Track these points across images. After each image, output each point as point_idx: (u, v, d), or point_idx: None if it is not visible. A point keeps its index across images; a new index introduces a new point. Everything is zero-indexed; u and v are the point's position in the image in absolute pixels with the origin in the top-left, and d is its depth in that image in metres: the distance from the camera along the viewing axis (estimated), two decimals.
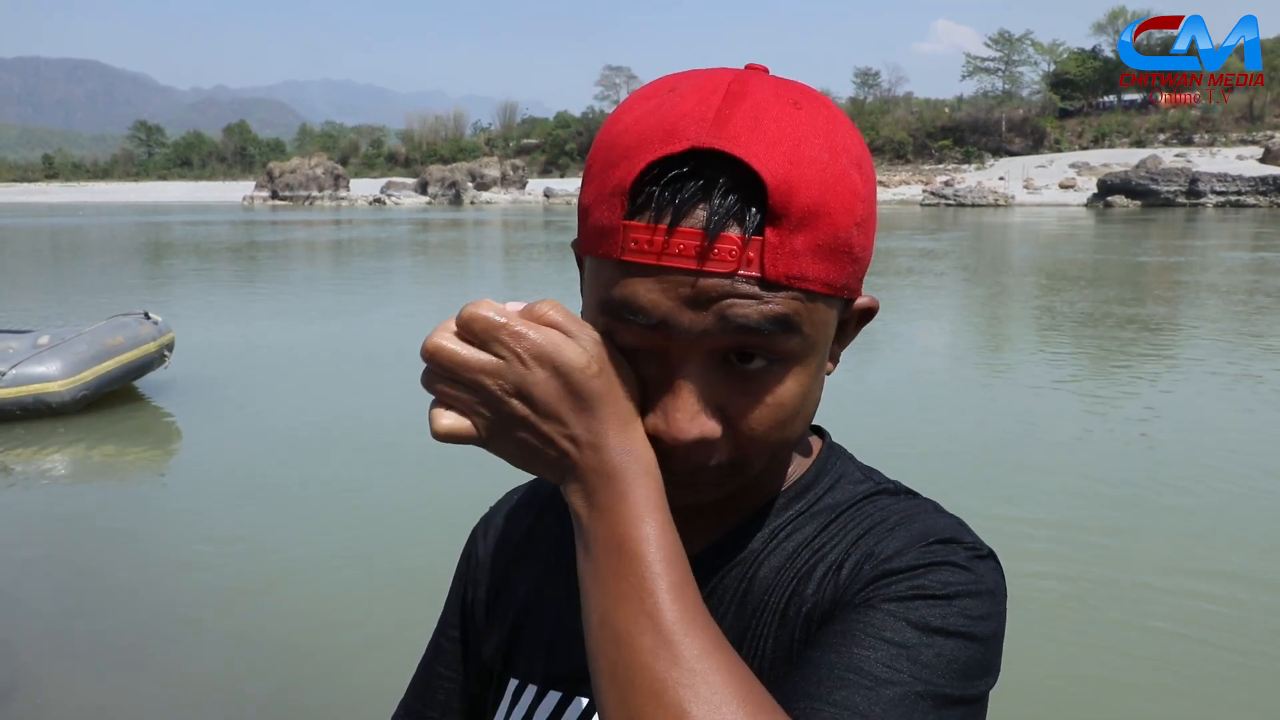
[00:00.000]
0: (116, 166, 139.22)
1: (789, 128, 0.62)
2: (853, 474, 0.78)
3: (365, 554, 5.50)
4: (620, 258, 0.63)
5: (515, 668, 0.81)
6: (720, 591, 0.74)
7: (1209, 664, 4.18)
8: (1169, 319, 14.30)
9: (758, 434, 0.66)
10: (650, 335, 0.63)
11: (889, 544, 0.68)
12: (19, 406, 8.16)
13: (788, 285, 0.61)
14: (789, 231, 0.61)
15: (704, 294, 0.61)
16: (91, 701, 4.04)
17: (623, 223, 0.62)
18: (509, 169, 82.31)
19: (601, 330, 0.66)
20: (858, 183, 0.64)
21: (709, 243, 0.60)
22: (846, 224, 0.63)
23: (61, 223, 51.56)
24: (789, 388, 0.65)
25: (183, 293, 19.11)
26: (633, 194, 0.62)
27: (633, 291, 0.62)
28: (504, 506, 0.92)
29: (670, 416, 0.64)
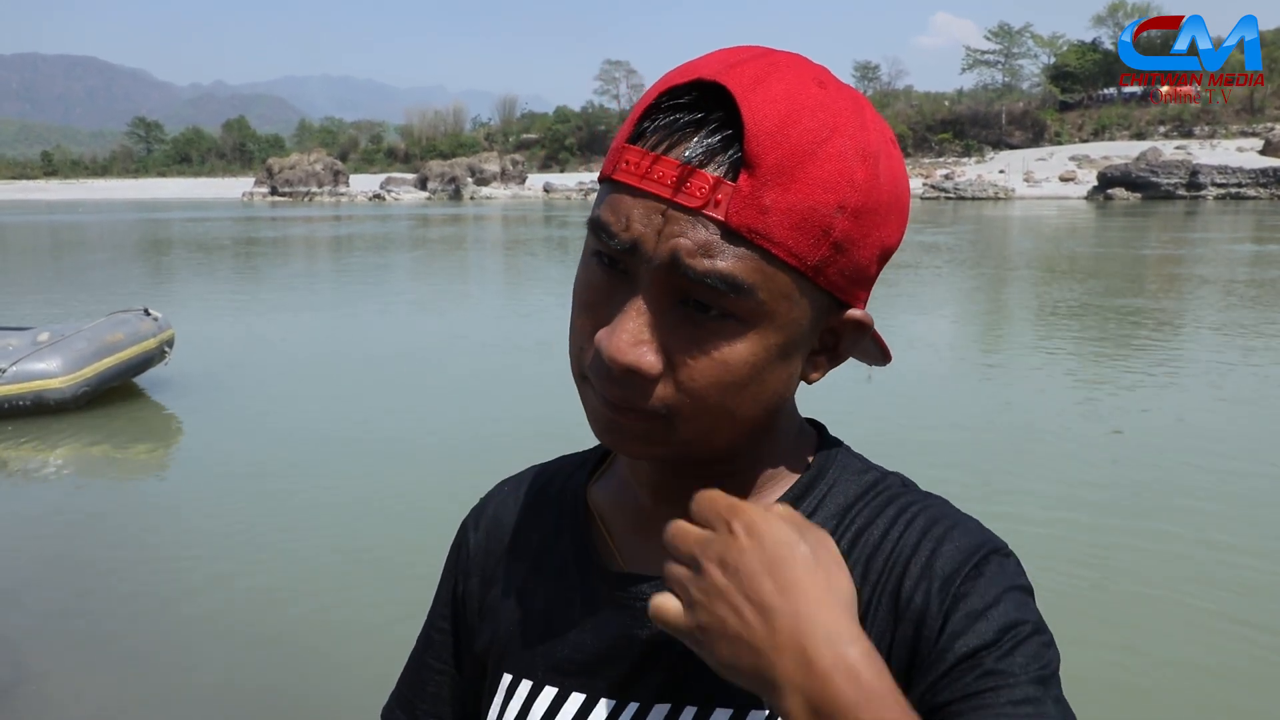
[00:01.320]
0: (115, 163, 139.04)
1: (798, 94, 0.63)
2: (855, 465, 0.77)
3: (365, 549, 5.51)
4: (613, 176, 0.66)
5: (509, 663, 0.81)
6: None
7: (1210, 661, 4.18)
8: (1169, 312, 14.30)
9: (696, 387, 0.65)
10: (619, 253, 0.65)
11: (942, 564, 0.67)
12: (19, 403, 8.16)
13: (748, 239, 0.62)
14: (761, 184, 0.61)
15: (670, 226, 0.62)
16: (92, 697, 4.05)
17: (624, 145, 0.66)
18: (508, 164, 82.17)
19: (587, 253, 0.69)
20: (856, 171, 0.64)
21: (685, 175, 0.62)
22: (827, 201, 0.63)
23: (61, 220, 51.52)
24: (739, 350, 0.65)
25: (182, 289, 19.11)
26: (639, 121, 0.65)
27: (613, 210, 0.65)
28: (494, 498, 0.91)
29: (614, 334, 0.64)
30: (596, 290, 0.68)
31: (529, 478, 0.90)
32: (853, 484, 0.75)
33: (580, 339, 0.69)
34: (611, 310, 0.66)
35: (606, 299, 0.67)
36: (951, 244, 27.31)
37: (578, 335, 0.69)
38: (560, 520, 0.83)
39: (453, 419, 8.34)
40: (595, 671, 0.75)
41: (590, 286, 0.68)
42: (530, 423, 7.71)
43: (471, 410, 8.62)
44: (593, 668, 0.76)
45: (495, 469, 0.94)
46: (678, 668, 0.72)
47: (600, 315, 0.67)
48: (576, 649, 0.76)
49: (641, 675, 0.74)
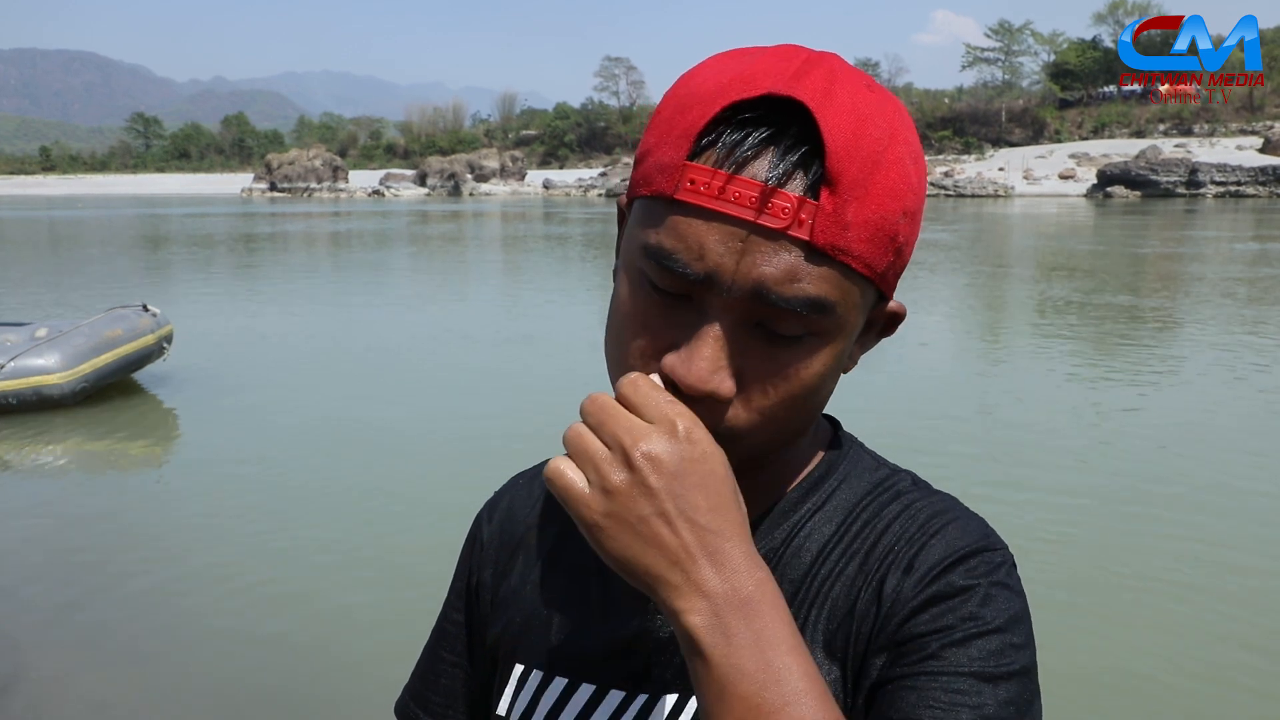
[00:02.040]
0: (114, 159, 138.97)
1: (859, 102, 0.63)
2: (866, 462, 0.78)
3: (364, 543, 5.50)
4: (675, 195, 0.62)
5: (520, 654, 0.81)
6: None
7: (1212, 657, 4.18)
8: (1167, 310, 14.30)
9: (768, 405, 0.65)
10: (690, 285, 0.63)
11: (927, 555, 0.68)
12: (18, 399, 8.15)
13: (832, 257, 0.61)
14: (842, 201, 0.60)
15: (751, 247, 0.60)
16: (91, 693, 4.04)
17: (684, 162, 0.62)
18: (508, 160, 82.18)
19: (638, 275, 0.66)
20: (911, 175, 0.64)
21: (767, 195, 0.60)
22: (895, 209, 0.63)
23: (59, 215, 51.48)
24: (813, 367, 0.65)
25: (181, 285, 19.09)
26: (700, 136, 0.62)
27: (684, 238, 0.62)
28: (509, 491, 0.91)
29: (693, 363, 0.62)
30: (654, 313, 0.65)
31: (540, 471, 0.88)
32: (862, 480, 0.75)
33: (631, 360, 0.66)
34: (675, 333, 0.64)
35: (667, 322, 0.65)
36: (951, 241, 27.30)
37: (629, 357, 0.67)
38: (569, 519, 0.81)
39: (454, 414, 8.33)
40: (608, 664, 0.76)
41: (645, 310, 0.66)
42: (531, 417, 7.70)
43: (473, 405, 8.61)
44: (606, 660, 0.76)
45: (497, 463, 0.85)
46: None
47: (661, 338, 0.65)
48: (591, 642, 0.77)
49: (654, 668, 0.74)
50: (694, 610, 0.56)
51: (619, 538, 0.58)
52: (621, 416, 0.59)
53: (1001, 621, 0.65)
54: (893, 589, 0.67)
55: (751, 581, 0.57)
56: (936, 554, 0.68)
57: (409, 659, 0.91)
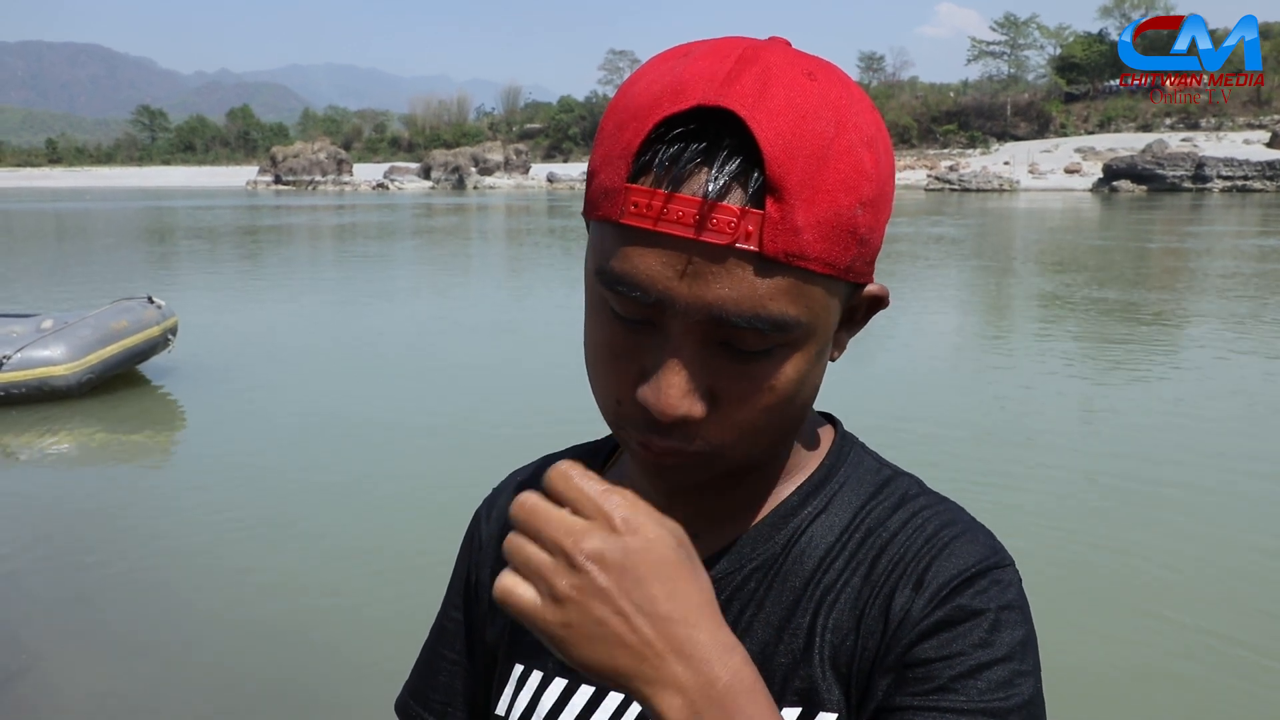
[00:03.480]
0: (120, 151, 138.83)
1: (797, 97, 0.60)
2: (868, 464, 0.76)
3: (367, 539, 5.52)
4: (620, 220, 0.61)
5: (520, 654, 0.80)
6: (740, 598, 0.72)
7: (1216, 655, 4.18)
8: (1173, 305, 14.27)
9: (746, 420, 0.64)
10: (646, 311, 0.62)
11: (936, 573, 0.67)
12: (24, 390, 8.18)
13: (787, 264, 0.60)
14: (789, 206, 0.58)
15: (700, 269, 0.59)
16: (95, 685, 4.06)
17: (625, 185, 0.61)
18: (512, 154, 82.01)
19: (599, 301, 0.66)
20: (865, 161, 0.62)
21: (707, 211, 0.58)
22: (849, 202, 0.61)
23: (66, 207, 51.53)
24: (786, 374, 0.64)
25: (186, 277, 19.14)
26: (638, 156, 0.61)
27: (631, 263, 0.61)
28: (507, 488, 0.90)
29: (662, 391, 0.62)
30: (619, 344, 0.65)
31: (541, 468, 0.88)
32: (865, 483, 0.74)
33: (612, 389, 0.66)
34: (643, 360, 0.64)
35: (633, 350, 0.64)
36: (955, 236, 27.25)
37: (610, 387, 0.67)
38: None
39: (459, 408, 8.34)
40: None
41: (610, 342, 0.65)
42: (537, 412, 7.72)
43: (478, 399, 8.63)
44: None
45: (502, 459, 0.94)
46: None
47: (629, 367, 0.65)
48: None
49: None
50: (670, 709, 0.54)
51: (582, 645, 0.55)
52: (555, 519, 0.55)
53: (1010, 648, 0.65)
54: (901, 607, 0.67)
55: (725, 670, 0.55)
56: (946, 573, 0.67)
57: (411, 653, 0.92)
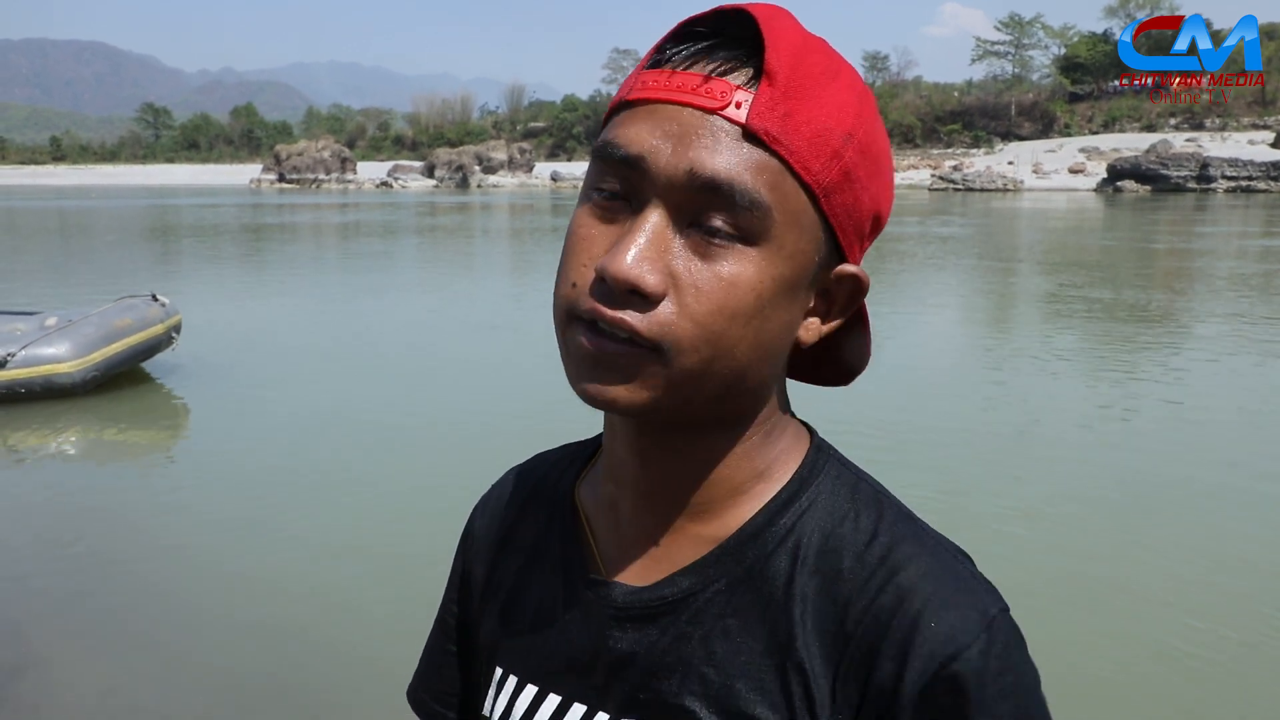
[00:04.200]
0: (124, 149, 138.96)
1: (809, 36, 0.66)
2: (844, 477, 0.73)
3: (371, 537, 5.52)
4: (627, 98, 0.66)
5: (500, 656, 0.81)
6: (705, 620, 0.70)
7: (1220, 654, 4.17)
8: (1176, 305, 14.25)
9: (699, 311, 0.62)
10: (628, 173, 0.63)
11: (919, 654, 0.62)
12: (28, 387, 8.19)
13: (767, 145, 0.62)
14: (781, 93, 0.62)
15: (687, 130, 0.62)
16: (98, 682, 4.06)
17: (640, 72, 0.66)
18: (516, 152, 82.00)
19: (587, 192, 0.67)
20: (861, 107, 0.66)
21: (703, 82, 0.62)
22: (839, 125, 0.64)
23: (70, 205, 51.59)
24: (747, 272, 0.62)
25: (190, 275, 19.15)
26: (658, 51, 0.66)
27: (625, 127, 0.64)
28: (499, 489, 0.90)
29: (617, 252, 0.62)
30: (595, 224, 0.65)
31: (532, 467, 0.89)
32: (839, 498, 0.71)
33: (572, 274, 0.65)
34: (610, 241, 0.64)
35: (606, 230, 0.65)
36: (960, 235, 27.23)
37: (570, 273, 0.66)
38: (551, 517, 0.82)
39: (462, 406, 8.34)
40: (572, 676, 0.75)
41: (587, 220, 0.66)
42: (540, 409, 7.72)
43: (481, 398, 8.63)
44: (569, 671, 0.75)
45: (505, 457, 0.95)
46: (645, 686, 0.70)
47: (600, 246, 0.64)
48: (556, 650, 0.76)
49: (611, 687, 0.72)
50: None
51: None
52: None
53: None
54: (882, 684, 0.63)
55: None
56: (933, 659, 0.62)
57: (414, 649, 0.93)
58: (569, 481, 0.82)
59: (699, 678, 0.68)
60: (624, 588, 0.73)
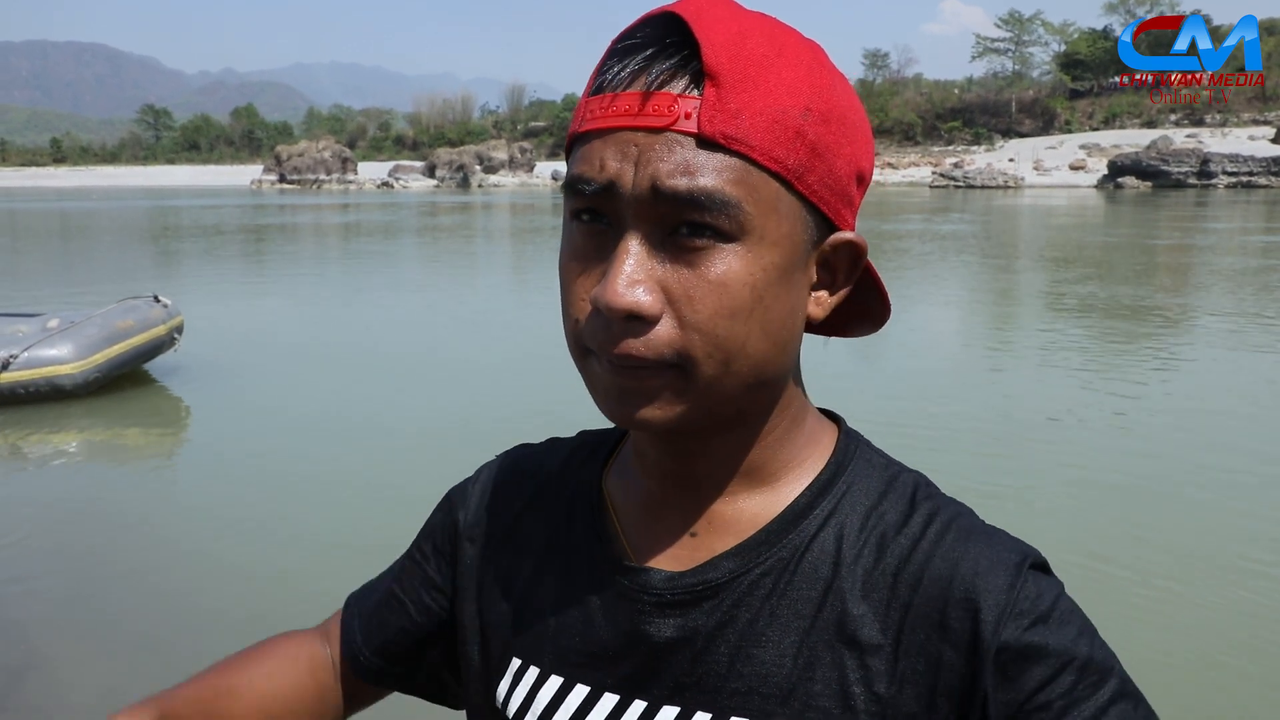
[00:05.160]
0: (124, 150, 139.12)
1: (744, 17, 0.64)
2: (875, 461, 0.75)
3: (373, 536, 5.52)
4: (579, 130, 0.65)
5: (517, 647, 0.79)
6: (750, 603, 0.70)
7: (1222, 653, 4.17)
8: (1179, 302, 14.23)
9: (700, 319, 0.62)
10: (600, 203, 0.64)
11: (996, 582, 0.65)
12: (31, 389, 8.20)
13: (725, 146, 0.61)
14: (726, 91, 0.61)
15: (644, 152, 0.61)
16: (101, 683, 4.06)
17: (585, 99, 0.66)
18: (517, 152, 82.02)
19: (568, 218, 0.68)
20: (815, 77, 0.65)
21: (646, 99, 0.62)
22: (794, 103, 0.63)
23: (71, 206, 51.62)
24: (735, 270, 0.62)
25: (191, 276, 19.15)
26: (597, 75, 0.65)
27: (586, 160, 0.64)
28: (492, 477, 0.90)
29: (607, 283, 0.62)
30: (582, 253, 0.66)
31: (533, 456, 0.88)
32: (874, 481, 0.73)
33: (574, 309, 0.67)
34: (602, 264, 0.65)
35: (594, 257, 0.65)
36: (961, 232, 27.21)
37: (571, 307, 0.67)
38: (574, 504, 0.81)
39: (464, 405, 8.34)
40: (601, 665, 0.74)
41: (575, 252, 0.67)
42: (540, 410, 7.72)
43: (483, 397, 8.63)
44: (599, 661, 0.74)
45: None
46: (690, 672, 0.70)
47: (592, 278, 0.65)
48: (584, 640, 0.75)
49: (649, 675, 0.72)
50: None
51: None
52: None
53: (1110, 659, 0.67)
54: (957, 646, 0.65)
55: None
56: (1001, 610, 0.64)
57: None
58: (593, 472, 0.82)
59: (747, 659, 0.68)
60: (662, 574, 0.72)
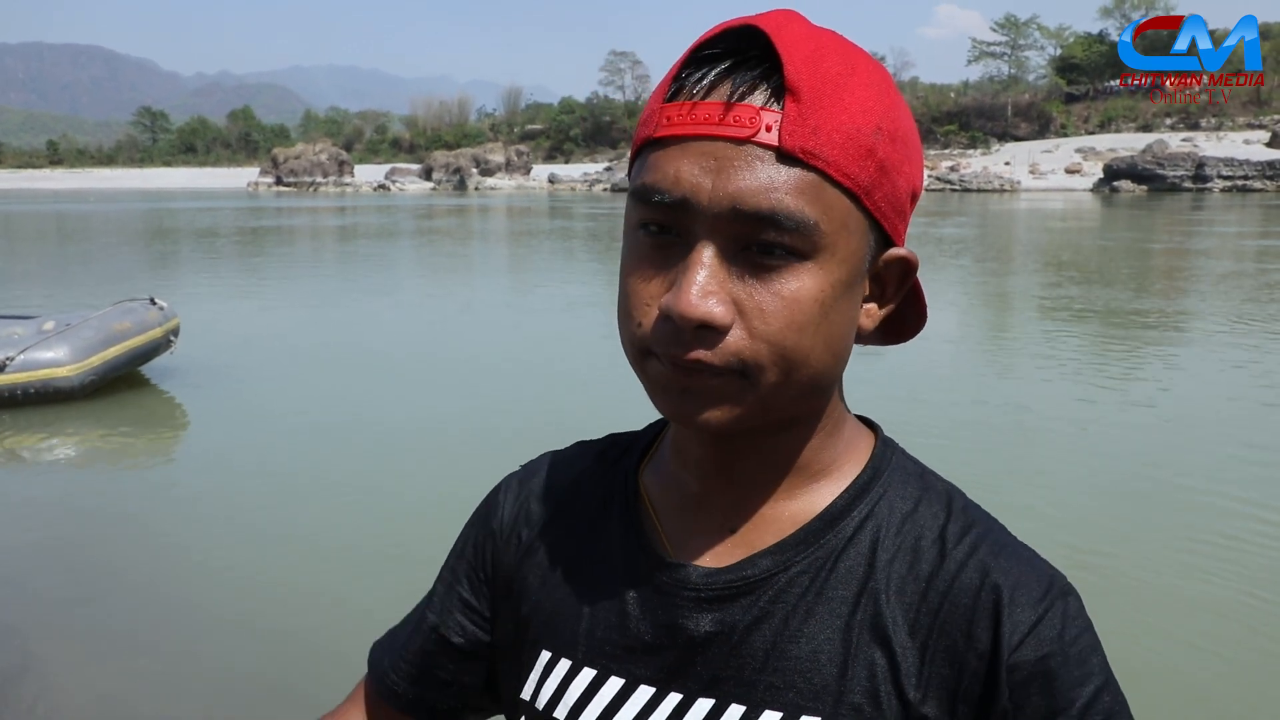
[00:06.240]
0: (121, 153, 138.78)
1: (819, 35, 0.66)
2: (910, 469, 0.77)
3: (371, 539, 5.52)
4: (655, 135, 0.66)
5: (547, 639, 0.80)
6: (786, 600, 0.71)
7: (1223, 652, 4.18)
8: (1175, 305, 14.26)
9: (770, 331, 0.64)
10: (674, 215, 0.64)
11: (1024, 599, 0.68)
12: (27, 391, 8.19)
13: (804, 160, 0.62)
14: (807, 107, 0.62)
15: (723, 163, 0.62)
16: (98, 686, 4.07)
17: (662, 105, 0.66)
18: (513, 155, 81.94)
19: (634, 226, 0.68)
20: (885, 97, 0.66)
21: (728, 110, 0.62)
22: (867, 123, 0.64)
23: (67, 209, 51.52)
24: (807, 287, 0.64)
25: (188, 278, 19.12)
26: (675, 80, 0.66)
27: (661, 170, 0.64)
28: (540, 470, 0.89)
29: (680, 292, 0.63)
30: (649, 260, 0.67)
31: (576, 454, 0.88)
32: (910, 487, 0.74)
33: (637, 313, 0.67)
34: (670, 274, 0.65)
35: (662, 265, 0.66)
36: (957, 236, 27.24)
37: (634, 310, 0.67)
38: (610, 501, 0.82)
39: (460, 408, 8.35)
40: (637, 657, 0.74)
41: (641, 258, 0.67)
42: (538, 413, 7.73)
43: (479, 399, 8.63)
44: (634, 653, 0.75)
45: (505, 458, 0.94)
46: (726, 665, 0.71)
47: (658, 283, 0.66)
48: (619, 633, 0.76)
49: (686, 668, 0.72)
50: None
51: None
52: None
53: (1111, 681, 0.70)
54: (980, 654, 0.67)
55: None
56: (1025, 627, 0.67)
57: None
58: (631, 466, 0.83)
59: (782, 655, 0.69)
60: (700, 569, 0.73)
